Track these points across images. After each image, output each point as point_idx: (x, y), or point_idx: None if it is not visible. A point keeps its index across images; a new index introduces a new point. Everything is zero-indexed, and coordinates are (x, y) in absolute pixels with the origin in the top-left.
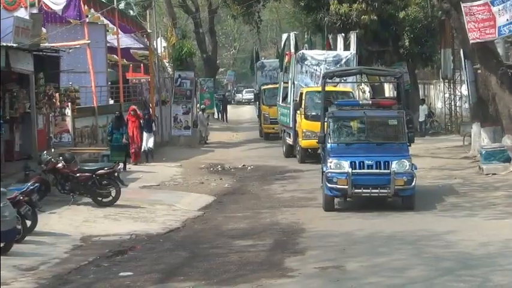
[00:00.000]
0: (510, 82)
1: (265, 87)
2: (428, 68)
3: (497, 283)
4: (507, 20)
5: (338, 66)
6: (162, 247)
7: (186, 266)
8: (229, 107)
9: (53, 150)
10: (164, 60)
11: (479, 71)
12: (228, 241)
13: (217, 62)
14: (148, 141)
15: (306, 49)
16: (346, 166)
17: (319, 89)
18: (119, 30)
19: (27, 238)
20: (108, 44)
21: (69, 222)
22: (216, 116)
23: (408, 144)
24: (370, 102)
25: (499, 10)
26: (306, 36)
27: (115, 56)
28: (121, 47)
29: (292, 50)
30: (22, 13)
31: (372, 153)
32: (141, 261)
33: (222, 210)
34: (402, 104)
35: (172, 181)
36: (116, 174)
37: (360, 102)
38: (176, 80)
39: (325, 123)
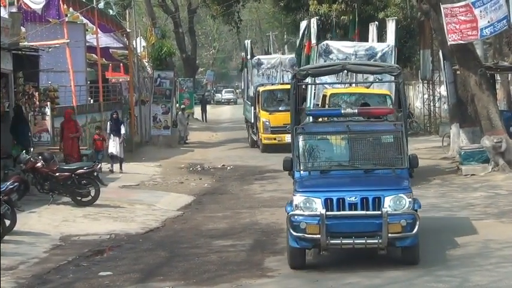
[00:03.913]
0: (489, 83)
1: (263, 88)
2: (407, 68)
3: (476, 283)
4: (488, 21)
5: (372, 61)
6: (142, 247)
7: (165, 265)
8: (208, 107)
9: (32, 149)
10: (144, 60)
11: (458, 72)
12: (207, 241)
13: (197, 61)
14: (116, 147)
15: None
16: (318, 205)
17: (340, 90)
18: (98, 30)
19: (6, 238)
20: (87, 44)
21: (48, 222)
22: (195, 115)
23: (409, 170)
24: (356, 111)
25: (480, 12)
26: (285, 36)
27: (94, 56)
28: (100, 46)
29: (314, 41)
30: (1, 12)
31: (356, 185)
32: (120, 261)
33: (201, 210)
34: (403, 112)
35: (152, 181)
36: (95, 173)
37: (342, 111)
38: (156, 79)
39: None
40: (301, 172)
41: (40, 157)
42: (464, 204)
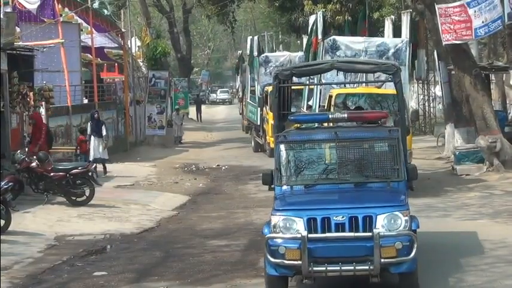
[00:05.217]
0: (483, 83)
1: (272, 88)
2: None
3: (470, 283)
4: (482, 21)
5: (384, 59)
6: (136, 247)
7: (160, 265)
8: (203, 107)
9: (26, 149)
10: (138, 60)
11: (453, 72)
12: (202, 241)
13: (192, 61)
14: (99, 149)
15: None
16: (300, 226)
17: (347, 90)
18: (93, 30)
19: (0, 237)
20: (82, 43)
21: (43, 222)
22: (190, 115)
23: (407, 182)
24: (346, 115)
25: (475, 12)
26: (280, 36)
27: (89, 55)
28: (95, 46)
29: (320, 36)
30: None
31: (344, 202)
32: (115, 260)
33: (196, 210)
34: (401, 115)
35: (147, 181)
36: (90, 173)
37: (330, 116)
38: (150, 79)
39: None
40: (283, 187)
41: (35, 157)
42: (459, 204)
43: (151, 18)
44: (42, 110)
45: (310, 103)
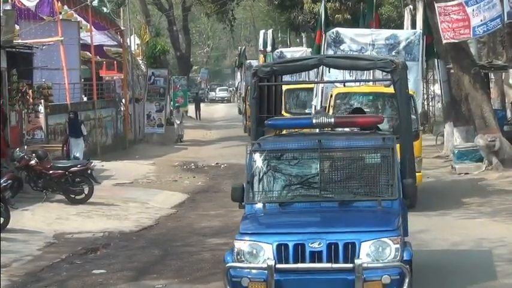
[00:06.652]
0: (483, 82)
1: (287, 87)
2: None
3: (469, 282)
4: (481, 20)
5: (394, 53)
6: (135, 245)
7: (159, 263)
8: (202, 105)
9: (25, 147)
10: (138, 58)
11: (452, 71)
12: (201, 239)
13: (191, 60)
14: (77, 150)
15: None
16: (268, 254)
17: (350, 89)
18: (92, 28)
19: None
20: (81, 41)
21: (42, 220)
22: (188, 114)
23: (399, 200)
24: (333, 120)
25: (473, 10)
26: (280, 34)
27: (88, 53)
28: (94, 44)
29: (323, 28)
30: None
31: (323, 224)
32: (114, 258)
33: (195, 208)
34: (400, 120)
35: (146, 179)
36: (89, 171)
37: (314, 121)
38: (149, 77)
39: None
40: (255, 204)
41: (34, 155)
42: (457, 203)
43: (150, 16)
44: (42, 108)
45: (313, 103)
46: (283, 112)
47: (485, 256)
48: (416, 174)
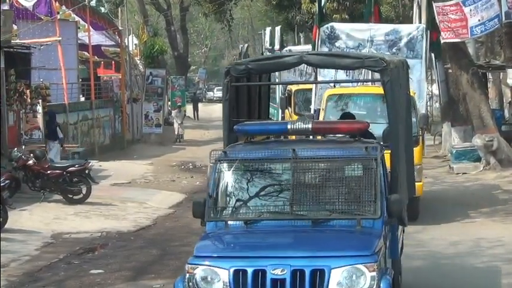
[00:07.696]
0: (481, 82)
1: (297, 87)
2: None
3: (467, 282)
4: (479, 20)
5: (395, 50)
6: (133, 245)
7: (156, 263)
8: (200, 105)
9: (23, 147)
10: (135, 58)
11: (450, 71)
12: (198, 239)
13: (189, 59)
14: (52, 153)
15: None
16: (224, 280)
17: (342, 90)
18: (90, 27)
19: None
20: (79, 41)
21: (39, 220)
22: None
23: (382, 219)
24: (310, 126)
25: (471, 10)
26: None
27: (86, 53)
28: (92, 44)
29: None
30: None
31: (290, 247)
32: (111, 258)
33: None
34: (390, 125)
35: (143, 179)
36: (86, 171)
37: (289, 126)
38: (147, 77)
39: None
40: (216, 222)
41: (32, 155)
42: (455, 203)
43: (148, 16)
44: (39, 108)
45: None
46: (292, 114)
47: (483, 256)
48: (417, 183)
